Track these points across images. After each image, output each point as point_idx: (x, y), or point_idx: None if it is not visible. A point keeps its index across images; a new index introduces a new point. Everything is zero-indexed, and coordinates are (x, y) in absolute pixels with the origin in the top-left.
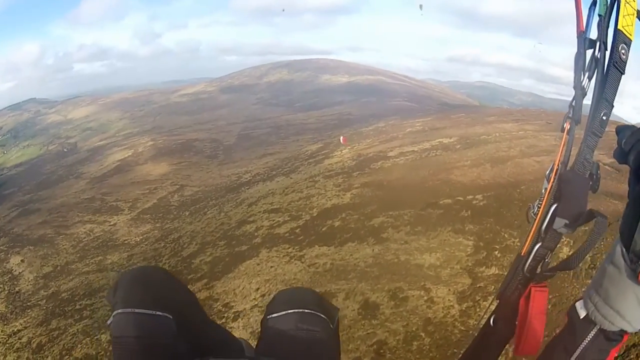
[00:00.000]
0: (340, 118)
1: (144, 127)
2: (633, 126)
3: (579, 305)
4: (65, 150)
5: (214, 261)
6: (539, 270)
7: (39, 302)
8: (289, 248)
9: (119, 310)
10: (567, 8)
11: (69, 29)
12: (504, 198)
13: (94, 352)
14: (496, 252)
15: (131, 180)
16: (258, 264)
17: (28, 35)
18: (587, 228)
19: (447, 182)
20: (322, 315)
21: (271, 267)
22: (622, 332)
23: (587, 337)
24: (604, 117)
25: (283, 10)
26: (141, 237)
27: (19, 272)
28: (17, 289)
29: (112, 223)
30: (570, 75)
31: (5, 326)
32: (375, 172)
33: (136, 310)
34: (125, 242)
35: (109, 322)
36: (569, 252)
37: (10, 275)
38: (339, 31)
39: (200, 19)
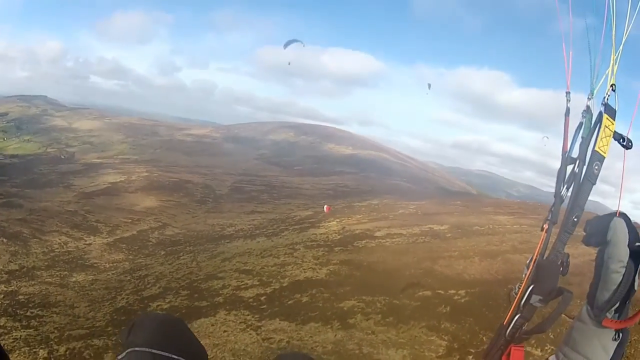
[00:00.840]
0: (336, 189)
1: (142, 156)
2: (598, 216)
3: (551, 359)
4: (62, 157)
5: (170, 310)
6: (517, 334)
7: None
8: (248, 315)
9: (136, 348)
10: (580, 103)
11: (94, 38)
12: (488, 296)
13: None
14: (470, 357)
15: (117, 205)
16: (212, 325)
17: (54, 31)
18: None
19: (430, 272)
20: None
21: (224, 331)
22: None
23: None
24: (575, 219)
25: (289, 64)
26: (111, 264)
27: None
28: None
29: (87, 242)
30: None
31: None
32: (358, 251)
33: (153, 351)
34: (95, 265)
35: (120, 356)
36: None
37: None
38: (353, 102)
39: (221, 62)
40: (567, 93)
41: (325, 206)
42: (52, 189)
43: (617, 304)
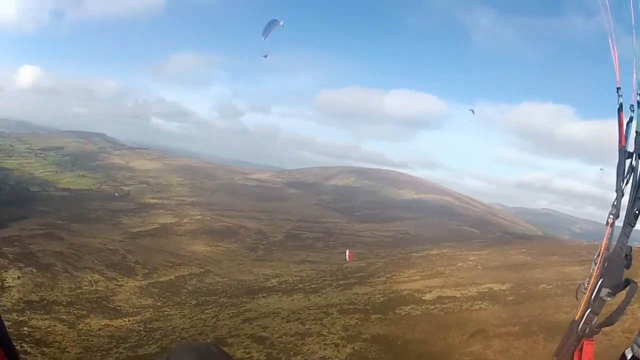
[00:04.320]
0: (395, 236)
1: (199, 199)
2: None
3: (627, 351)
4: (117, 194)
5: None
6: (587, 329)
7: (4, 322)
8: None
9: None
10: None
11: (152, 79)
12: None
13: None
14: None
15: (161, 247)
16: None
17: (111, 70)
18: None
19: None
20: None
21: None
22: None
23: None
24: (637, 212)
25: (266, 57)
26: (134, 310)
27: (9, 286)
28: None
29: (119, 283)
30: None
31: None
32: (397, 321)
33: None
34: (118, 308)
35: None
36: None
37: (0, 285)
38: (416, 145)
39: (283, 106)
40: (618, 89)
41: (347, 251)
42: (99, 225)
43: None
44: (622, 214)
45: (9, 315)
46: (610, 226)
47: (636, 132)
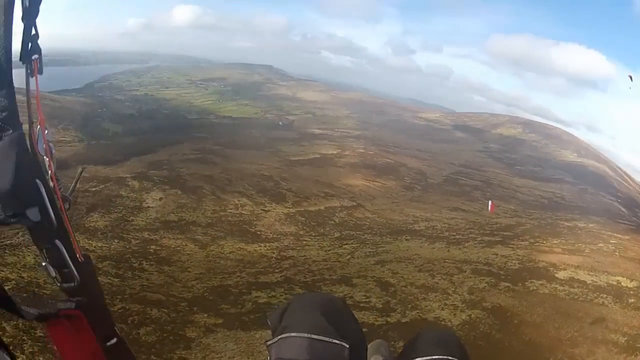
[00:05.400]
0: (552, 199)
1: (364, 133)
2: None
3: None
4: (280, 123)
5: (255, 307)
6: None
7: (132, 240)
8: None
9: (292, 334)
10: None
11: (317, 12)
12: None
13: None
14: None
15: (318, 177)
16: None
17: (273, 5)
18: None
19: None
20: None
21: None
22: None
23: None
24: None
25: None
26: (274, 236)
27: (148, 206)
28: (131, 218)
29: (266, 209)
30: None
31: (89, 240)
32: (523, 296)
33: (313, 336)
34: (258, 233)
35: (270, 342)
36: None
37: (138, 205)
38: (583, 104)
39: (456, 48)
40: None
41: (490, 202)
42: (256, 152)
43: None
44: None
45: (139, 234)
46: None
47: None
